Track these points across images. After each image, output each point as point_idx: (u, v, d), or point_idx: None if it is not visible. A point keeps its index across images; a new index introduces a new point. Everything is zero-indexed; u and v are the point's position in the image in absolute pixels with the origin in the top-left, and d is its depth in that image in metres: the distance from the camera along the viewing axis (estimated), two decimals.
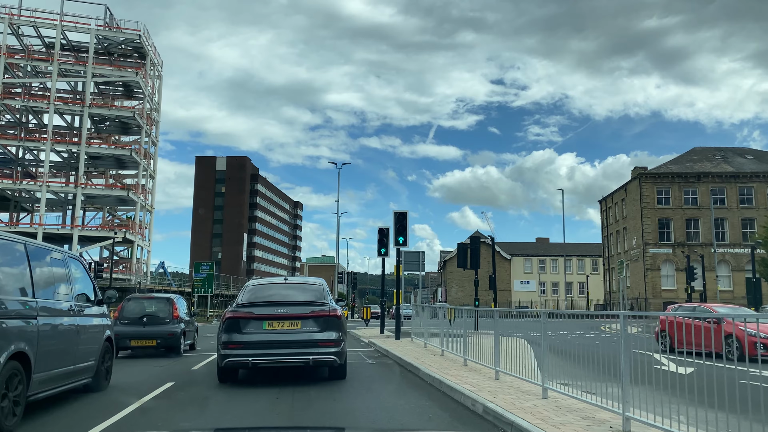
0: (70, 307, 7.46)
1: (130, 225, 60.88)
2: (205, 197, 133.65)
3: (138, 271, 61.92)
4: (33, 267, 6.55)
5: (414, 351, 13.39)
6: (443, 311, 13.93)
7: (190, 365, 12.04)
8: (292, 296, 9.46)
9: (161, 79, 69.76)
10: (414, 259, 27.02)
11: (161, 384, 8.97)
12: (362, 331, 22.50)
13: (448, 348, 12.48)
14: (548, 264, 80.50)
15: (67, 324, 7.23)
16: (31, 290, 6.43)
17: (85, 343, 7.72)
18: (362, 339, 18.73)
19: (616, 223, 58.65)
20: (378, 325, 28.34)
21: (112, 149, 58.30)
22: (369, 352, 14.39)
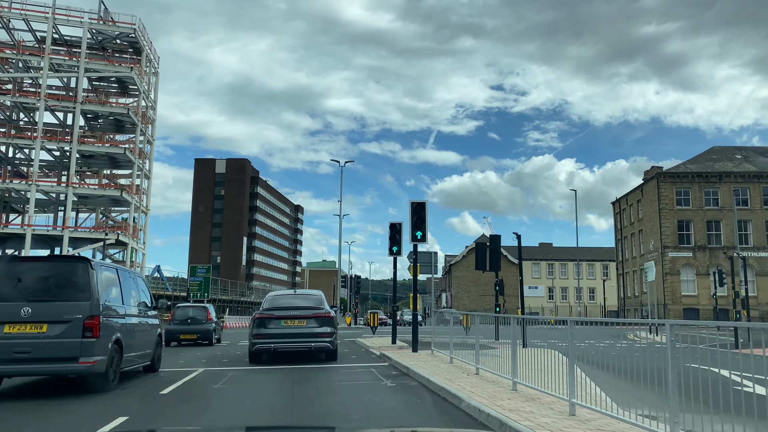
0: (139, 311, 10.69)
1: (123, 227, 58.42)
2: (204, 200, 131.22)
3: None
4: (121, 284, 9.97)
5: (440, 368, 10.89)
6: (478, 318, 11.44)
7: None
8: (299, 303, 13.63)
9: (158, 76, 67.42)
10: (426, 260, 24.54)
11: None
12: (370, 341, 19.98)
13: (484, 365, 10.01)
14: (557, 268, 77.95)
15: (137, 323, 10.38)
16: (121, 299, 9.77)
17: (147, 336, 10.99)
18: (372, 350, 16.21)
19: (631, 225, 56.14)
20: (387, 333, 25.82)
21: (106, 147, 55.92)
22: (384, 368, 11.90)
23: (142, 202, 62.93)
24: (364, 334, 24.98)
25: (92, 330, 8.46)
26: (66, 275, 8.86)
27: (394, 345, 17.43)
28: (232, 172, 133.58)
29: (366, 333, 27.86)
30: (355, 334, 28.55)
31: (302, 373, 11.24)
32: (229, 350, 18.24)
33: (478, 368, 10.14)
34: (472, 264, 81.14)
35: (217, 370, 11.90)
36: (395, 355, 13.33)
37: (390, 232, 17.40)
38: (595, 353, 7.61)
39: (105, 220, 63.87)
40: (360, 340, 20.81)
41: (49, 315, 8.45)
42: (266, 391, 9.03)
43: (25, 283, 8.70)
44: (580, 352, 7.04)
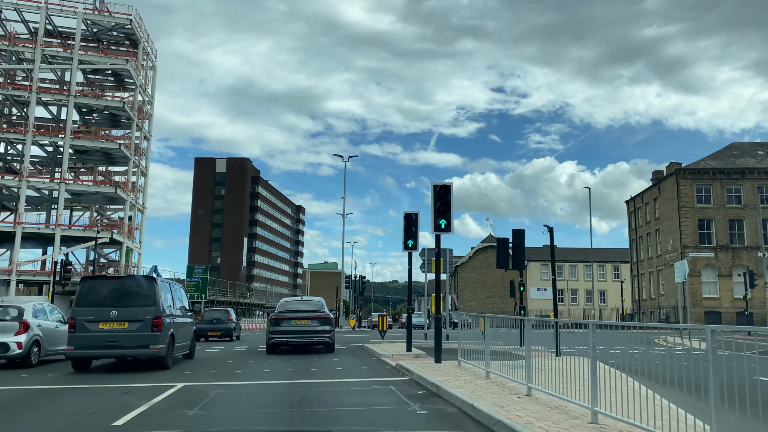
0: (181, 313, 14.35)
1: (118, 225, 56.26)
2: (204, 200, 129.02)
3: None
4: (172, 293, 13.85)
5: (479, 387, 8.64)
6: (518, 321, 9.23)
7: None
8: (305, 307, 17.27)
9: (155, 70, 65.30)
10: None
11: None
12: (381, 347, 17.71)
13: (538, 383, 7.77)
14: (566, 270, 75.61)
15: (180, 321, 13.92)
16: (172, 304, 13.47)
17: (187, 332, 14.72)
18: (386, 360, 13.95)
19: (647, 225, 53.84)
20: (397, 338, 23.55)
21: (100, 143, 53.80)
22: (405, 385, 9.63)
23: (138, 200, 60.78)
24: (372, 339, 22.76)
25: (158, 327, 12.03)
26: (139, 288, 12.54)
27: (410, 353, 15.17)
28: (232, 171, 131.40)
29: (373, 337, 25.63)
30: (361, 338, 26.31)
31: (305, 390, 9.02)
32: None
33: (530, 388, 7.89)
34: (478, 265, 79.18)
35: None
36: (415, 367, 11.08)
37: (404, 223, 15.18)
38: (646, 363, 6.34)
39: (100, 218, 61.75)
40: (369, 346, 18.56)
41: (129, 316, 12.03)
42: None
43: (113, 294, 12.38)
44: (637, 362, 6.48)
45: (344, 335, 30.88)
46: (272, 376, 11.02)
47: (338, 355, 15.76)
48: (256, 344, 22.01)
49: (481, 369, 10.31)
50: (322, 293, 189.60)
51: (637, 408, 5.58)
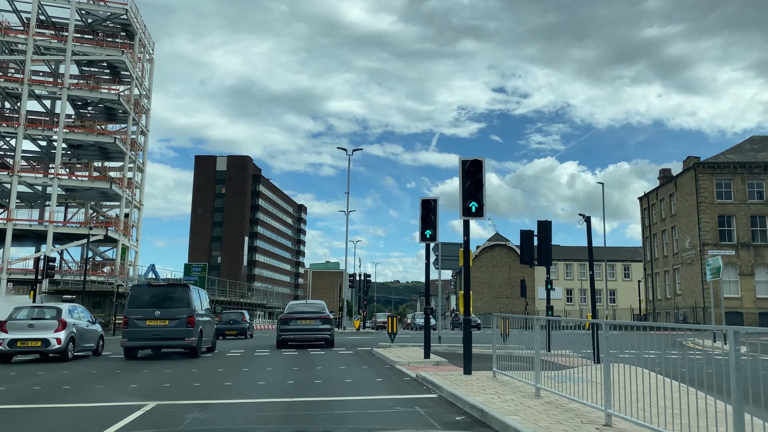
0: (206, 313, 17.25)
1: (113, 222, 54.35)
2: (204, 199, 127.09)
3: (123, 274, 55.42)
4: (200, 297, 16.90)
5: (535, 411, 6.65)
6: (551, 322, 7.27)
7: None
8: (309, 309, 20.38)
9: (152, 63, 63.42)
10: (452, 253, 20.37)
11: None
12: (392, 352, 15.71)
13: (617, 408, 5.79)
14: (575, 270, 73.54)
15: (206, 320, 16.82)
16: (200, 306, 16.35)
17: (211, 329, 17.92)
18: (402, 368, 11.95)
19: (662, 222, 51.78)
20: (407, 342, 21.57)
21: (94, 136, 51.85)
22: (434, 406, 7.60)
23: (134, 197, 58.89)
24: (381, 342, 20.78)
25: (191, 324, 15.20)
26: (176, 294, 15.84)
27: (428, 360, 13.17)
28: (233, 169, 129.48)
29: (381, 340, 23.66)
30: (368, 341, 24.35)
31: (307, 414, 7.03)
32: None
33: (610, 415, 5.91)
34: (485, 264, 77.08)
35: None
36: (442, 380, 9.08)
37: (422, 211, 13.22)
38: None
39: (95, 215, 59.85)
40: (379, 351, 16.57)
41: (169, 315, 15.22)
42: None
43: (156, 298, 15.63)
44: None
45: (349, 337, 28.94)
46: (268, 393, 9.05)
47: (346, 362, 13.81)
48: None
49: (524, 383, 8.32)
50: (324, 293, 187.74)
51: None
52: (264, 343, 23.21)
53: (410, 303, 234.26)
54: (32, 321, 14.84)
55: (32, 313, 15.30)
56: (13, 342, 14.44)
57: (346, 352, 17.31)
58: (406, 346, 19.09)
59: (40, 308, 15.71)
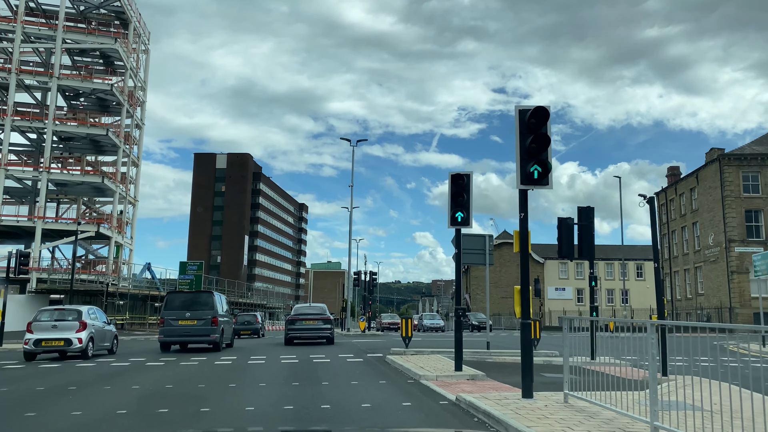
0: (226, 314, 20.20)
1: (106, 218, 51.95)
2: (203, 197, 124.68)
3: (116, 272, 53.03)
4: (222, 301, 20.38)
5: None
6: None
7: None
8: (312, 311, 23.27)
9: (148, 54, 61.05)
10: (476, 246, 17.95)
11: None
12: (411, 361, 13.19)
13: None
14: (586, 268, 70.93)
15: (226, 320, 19.79)
16: (221, 308, 19.49)
17: (229, 329, 20.75)
18: (431, 386, 9.42)
19: (682, 218, 49.27)
20: (423, 347, 19.10)
21: (86, 128, 49.45)
22: None
23: (128, 192, 56.49)
24: (393, 348, 18.30)
25: (215, 323, 18.40)
26: (203, 298, 19.34)
27: (461, 373, 10.67)
28: (233, 167, 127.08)
29: (392, 344, 21.21)
30: (377, 345, 21.90)
31: None
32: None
33: None
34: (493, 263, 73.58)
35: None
36: (503, 411, 6.57)
37: (451, 188, 10.76)
38: None
39: (88, 211, 57.44)
40: (394, 358, 14.09)
41: (197, 316, 18.46)
42: None
43: (186, 302, 19.23)
44: None
45: (355, 340, 26.51)
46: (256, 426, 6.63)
47: (357, 375, 11.33)
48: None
49: (629, 417, 5.82)
50: (325, 293, 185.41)
51: None
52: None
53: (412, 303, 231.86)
54: (55, 322, 15.90)
55: (55, 315, 16.39)
56: (38, 341, 15.52)
57: (355, 360, 14.87)
58: (423, 352, 16.64)
59: (61, 310, 16.91)
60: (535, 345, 17.39)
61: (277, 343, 24.17)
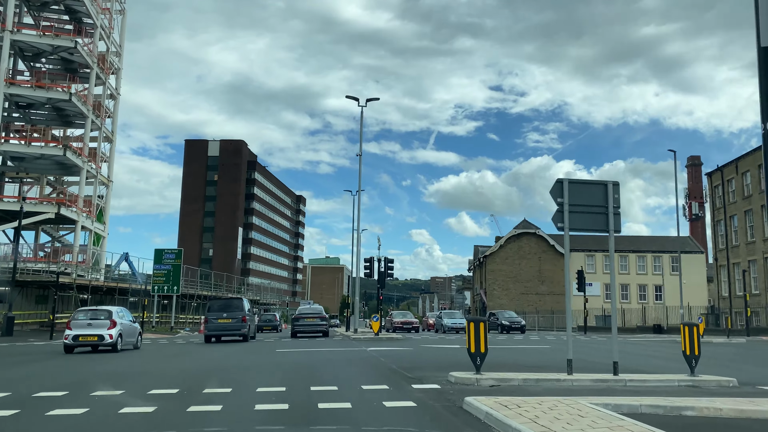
0: (249, 314, 26.22)
1: (69, 198, 44.63)
2: (195, 186, 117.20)
3: (83, 262, 45.78)
4: (247, 304, 26.79)
5: None
6: None
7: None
8: (312, 311, 30.97)
9: (124, 14, 53.75)
10: (592, 200, 10.81)
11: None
12: (535, 411, 5.90)
13: None
14: (616, 261, 63.84)
15: (251, 318, 26.85)
16: (247, 309, 25.96)
17: (253, 325, 28.00)
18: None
19: (745, 200, 42.13)
20: (504, 366, 11.78)
21: (44, 92, 42.08)
22: None
23: (100, 171, 49.19)
24: (450, 368, 11.09)
25: (244, 321, 24.20)
26: (235, 302, 25.76)
27: None
28: (226, 155, 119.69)
29: (432, 356, 14.10)
30: (409, 358, 14.70)
31: None
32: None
33: None
34: (511, 255, 66.94)
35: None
36: None
37: None
38: None
39: (54, 192, 50.09)
40: (485, 405, 6.80)
41: (231, 316, 24.33)
42: None
43: (223, 305, 25.54)
44: None
45: (370, 348, 19.18)
46: None
47: None
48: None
49: None
50: (324, 290, 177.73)
51: None
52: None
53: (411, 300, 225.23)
54: (90, 321, 18.45)
55: (89, 314, 18.89)
56: (76, 337, 18.15)
57: (396, 405, 7.51)
58: (517, 383, 9.39)
59: (95, 310, 19.45)
60: (692, 366, 10.28)
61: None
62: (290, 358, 15.34)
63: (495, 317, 39.28)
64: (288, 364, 13.35)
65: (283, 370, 11.89)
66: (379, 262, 27.04)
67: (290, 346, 20.96)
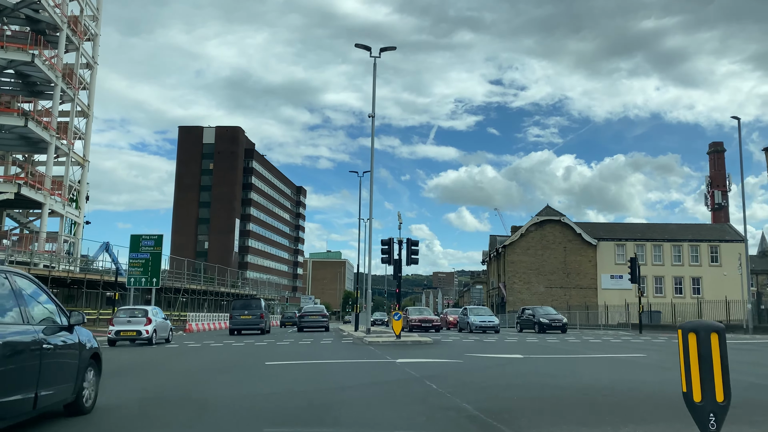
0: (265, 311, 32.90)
1: (36, 179, 38.79)
2: (189, 175, 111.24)
3: (53, 252, 40.04)
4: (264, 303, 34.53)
5: None
6: None
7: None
8: (315, 309, 37.91)
9: None
10: None
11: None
12: None
13: None
14: (648, 251, 58.02)
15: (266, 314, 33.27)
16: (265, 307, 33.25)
17: (269, 320, 35.40)
18: None
19: None
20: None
21: (1, 52, 36.13)
22: None
23: (72, 147, 43.37)
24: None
25: (263, 317, 30.65)
26: (254, 302, 32.48)
27: None
28: (222, 142, 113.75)
29: (497, 368, 8.22)
30: (488, 385, 8.84)
31: None
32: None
33: None
34: (533, 245, 60.48)
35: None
36: None
37: None
38: None
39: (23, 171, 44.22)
40: None
41: (251, 313, 30.69)
42: None
43: (244, 303, 32.43)
44: None
45: (401, 362, 13.16)
46: None
47: None
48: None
49: None
50: (325, 284, 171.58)
51: None
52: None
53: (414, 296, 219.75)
54: (129, 318, 21.26)
55: (128, 313, 21.90)
56: (117, 332, 21.02)
57: None
58: None
59: (133, 309, 22.50)
60: None
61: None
62: (287, 378, 9.55)
63: (530, 314, 33.47)
64: (281, 399, 7.52)
65: (272, 414, 6.12)
66: (399, 244, 21.14)
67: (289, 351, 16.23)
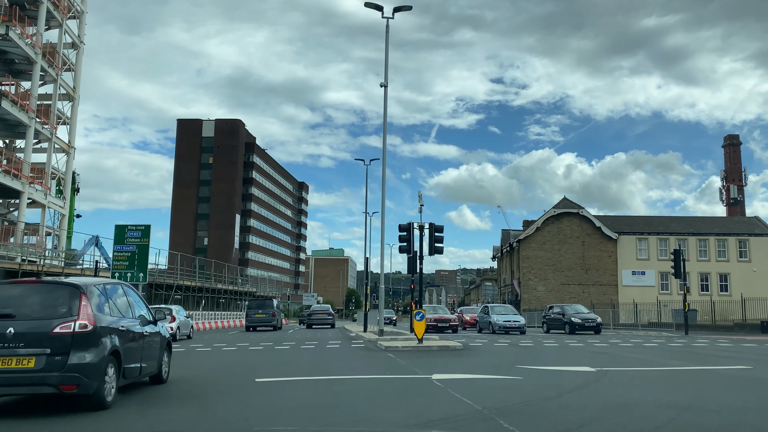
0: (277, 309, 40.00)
1: (15, 166, 35.46)
2: (187, 170, 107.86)
3: (34, 245, 36.80)
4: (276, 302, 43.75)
5: None
6: None
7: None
8: (321, 309, 46.55)
9: None
10: None
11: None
12: None
13: None
14: (671, 246, 54.49)
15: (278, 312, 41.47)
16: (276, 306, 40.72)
17: (280, 318, 45.31)
18: None
19: None
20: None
21: None
22: None
23: (56, 131, 40.05)
24: None
25: (275, 316, 37.42)
26: (268, 302, 39.49)
27: None
28: (222, 135, 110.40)
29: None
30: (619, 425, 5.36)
31: None
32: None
33: None
34: (549, 239, 56.91)
35: None
36: None
37: None
38: None
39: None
40: None
41: (264, 312, 37.32)
42: None
43: (259, 303, 39.49)
44: None
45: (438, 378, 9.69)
46: None
47: None
48: None
49: None
50: (327, 282, 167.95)
51: None
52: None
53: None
54: None
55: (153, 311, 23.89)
56: None
57: None
58: None
59: (158, 308, 23.65)
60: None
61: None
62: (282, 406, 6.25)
63: (558, 313, 30.08)
64: None
65: None
66: (420, 230, 17.72)
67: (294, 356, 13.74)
